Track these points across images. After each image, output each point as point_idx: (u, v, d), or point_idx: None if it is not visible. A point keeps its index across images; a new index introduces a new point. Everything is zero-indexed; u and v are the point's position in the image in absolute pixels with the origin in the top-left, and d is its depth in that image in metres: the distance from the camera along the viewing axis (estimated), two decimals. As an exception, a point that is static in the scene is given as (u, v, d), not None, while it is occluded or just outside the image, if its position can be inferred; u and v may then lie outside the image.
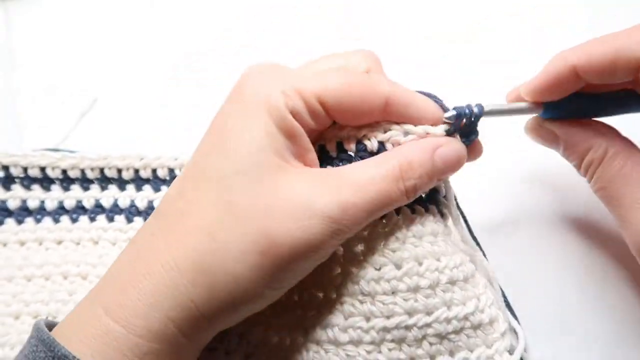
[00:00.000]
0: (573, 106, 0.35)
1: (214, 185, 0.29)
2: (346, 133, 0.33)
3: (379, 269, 0.32)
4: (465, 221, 0.37)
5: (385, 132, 0.32)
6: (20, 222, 0.42)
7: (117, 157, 0.42)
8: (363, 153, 0.32)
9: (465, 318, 0.33)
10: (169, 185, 0.42)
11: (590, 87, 0.34)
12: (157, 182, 0.42)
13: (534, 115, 0.36)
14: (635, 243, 0.32)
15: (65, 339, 0.28)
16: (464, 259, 0.34)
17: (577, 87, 0.34)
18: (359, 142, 0.32)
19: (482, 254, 0.37)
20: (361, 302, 0.32)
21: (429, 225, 0.33)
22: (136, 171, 0.42)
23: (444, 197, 0.35)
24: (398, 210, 0.33)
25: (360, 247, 0.33)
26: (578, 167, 0.35)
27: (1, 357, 0.38)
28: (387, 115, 0.32)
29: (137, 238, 0.31)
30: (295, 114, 0.30)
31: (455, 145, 0.32)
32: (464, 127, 0.33)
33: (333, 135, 0.33)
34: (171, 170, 0.42)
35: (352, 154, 0.32)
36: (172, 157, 0.42)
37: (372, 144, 0.32)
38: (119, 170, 0.42)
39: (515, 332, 0.36)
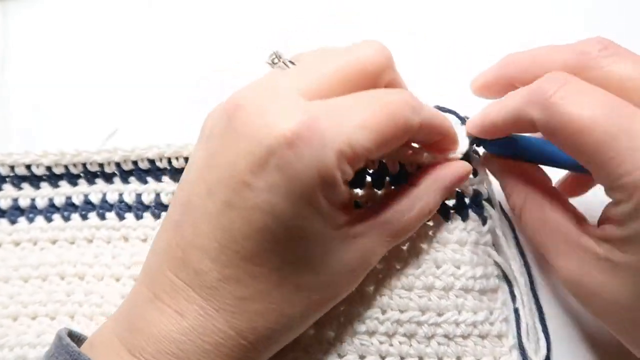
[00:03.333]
0: (512, 147, 0.34)
1: (274, 268, 0.28)
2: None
3: (401, 267, 0.35)
4: (512, 229, 0.37)
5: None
6: (13, 222, 0.42)
7: (94, 152, 0.41)
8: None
9: (474, 325, 0.34)
10: (154, 177, 0.41)
11: None
12: (140, 173, 0.41)
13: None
14: (562, 283, 0.33)
15: None
16: (490, 273, 0.36)
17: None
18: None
19: (522, 263, 0.37)
20: (381, 295, 0.34)
21: (456, 233, 0.35)
22: (117, 165, 0.41)
23: (487, 199, 0.36)
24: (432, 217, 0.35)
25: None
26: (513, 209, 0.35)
27: (0, 358, 0.38)
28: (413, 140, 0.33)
29: (185, 310, 0.29)
30: (345, 180, 0.29)
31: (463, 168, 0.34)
32: None
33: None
34: (151, 161, 0.41)
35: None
36: (148, 148, 0.41)
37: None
38: (101, 165, 0.41)
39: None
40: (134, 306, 0.30)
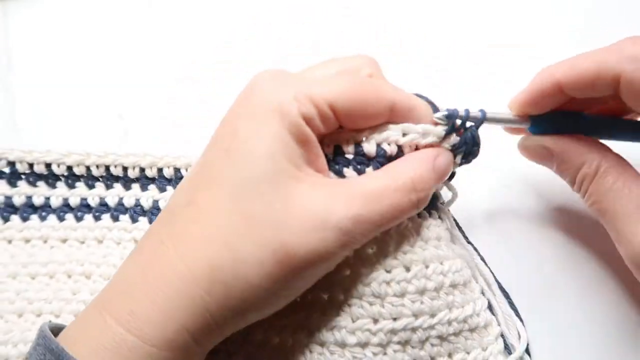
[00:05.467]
0: (560, 122, 0.36)
1: (227, 192, 0.29)
2: (344, 136, 0.33)
3: (390, 271, 0.33)
4: (458, 226, 0.38)
5: (381, 132, 0.32)
6: (25, 219, 0.42)
7: (122, 154, 0.42)
8: (361, 157, 0.33)
9: (464, 321, 0.34)
10: (174, 185, 0.42)
11: (574, 103, 0.35)
12: (162, 181, 0.42)
13: (525, 131, 0.37)
14: (630, 255, 0.33)
15: (74, 348, 0.28)
16: (463, 264, 0.36)
17: (561, 101, 0.35)
18: (357, 145, 0.33)
19: (479, 257, 0.38)
20: (370, 304, 0.33)
21: (433, 229, 0.35)
22: (142, 170, 0.42)
23: (442, 203, 0.36)
24: None
25: (372, 250, 0.33)
26: (572, 182, 0.36)
27: (4, 354, 0.38)
28: (392, 119, 0.32)
29: (144, 245, 0.31)
30: (307, 120, 0.30)
31: (448, 155, 0.34)
32: (466, 143, 0.34)
33: (331, 139, 0.33)
34: (177, 170, 0.42)
35: (351, 156, 0.33)
36: (177, 157, 0.42)
37: (369, 146, 0.32)
38: (125, 169, 0.42)
39: (519, 334, 0.37)
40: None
